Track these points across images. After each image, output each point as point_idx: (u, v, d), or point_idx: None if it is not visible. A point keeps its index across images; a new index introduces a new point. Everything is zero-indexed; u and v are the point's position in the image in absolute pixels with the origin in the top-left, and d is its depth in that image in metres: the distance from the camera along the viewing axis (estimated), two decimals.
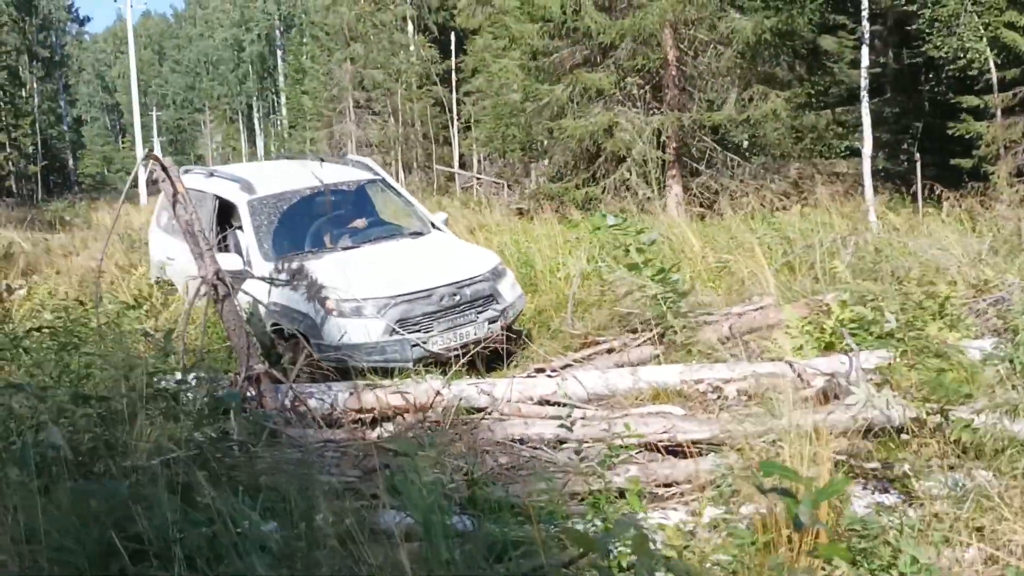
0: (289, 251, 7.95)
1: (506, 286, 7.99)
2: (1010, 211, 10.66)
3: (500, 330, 7.60)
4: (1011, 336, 5.65)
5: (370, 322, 7.13)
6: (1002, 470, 3.70)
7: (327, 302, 7.19)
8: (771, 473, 1.67)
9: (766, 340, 6.63)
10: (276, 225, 8.13)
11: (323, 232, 8.35)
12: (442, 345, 7.27)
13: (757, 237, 9.81)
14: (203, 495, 3.26)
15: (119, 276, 9.73)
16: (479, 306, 7.64)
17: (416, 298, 7.32)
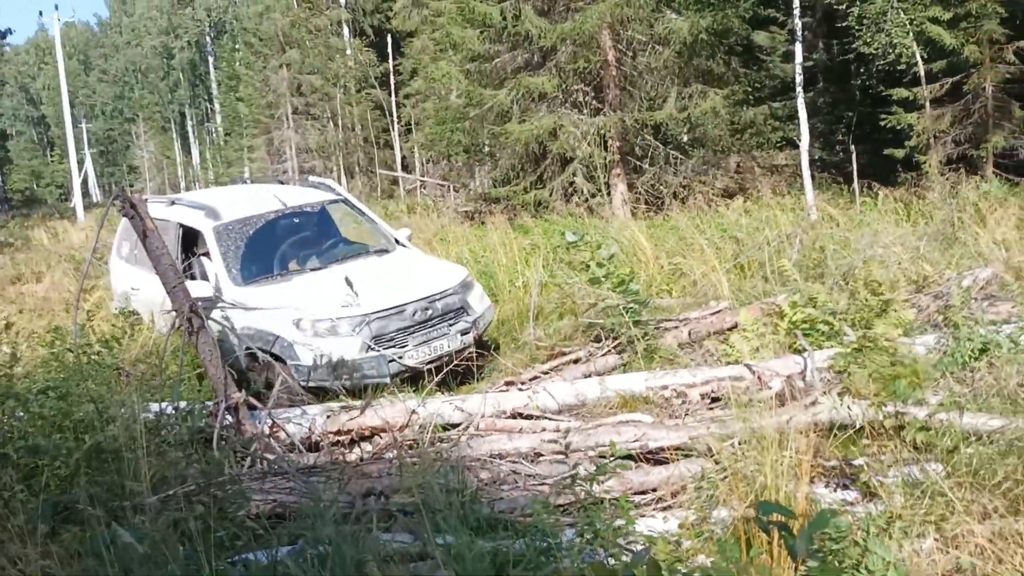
0: (258, 275, 8.05)
1: (475, 298, 8.19)
2: (941, 201, 11.14)
3: (472, 341, 7.82)
4: (952, 330, 6.03)
5: (346, 340, 7.22)
6: (954, 465, 4.02)
7: (301, 323, 7.27)
8: (769, 512, 1.91)
9: (724, 344, 6.94)
10: (243, 250, 8.18)
11: (290, 255, 8.52)
12: (418, 359, 7.40)
13: (706, 239, 10.15)
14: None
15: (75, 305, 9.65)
16: (451, 319, 7.79)
17: (390, 314, 7.44)
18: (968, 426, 4.49)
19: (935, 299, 7.00)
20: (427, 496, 4.32)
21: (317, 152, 35.29)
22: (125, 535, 2.91)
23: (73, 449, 3.92)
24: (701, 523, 3.93)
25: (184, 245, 8.71)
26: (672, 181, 17.37)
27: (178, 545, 3.20)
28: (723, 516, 4.13)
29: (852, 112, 20.29)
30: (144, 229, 6.32)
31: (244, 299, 7.68)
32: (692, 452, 5.09)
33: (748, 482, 4.17)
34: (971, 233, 9.30)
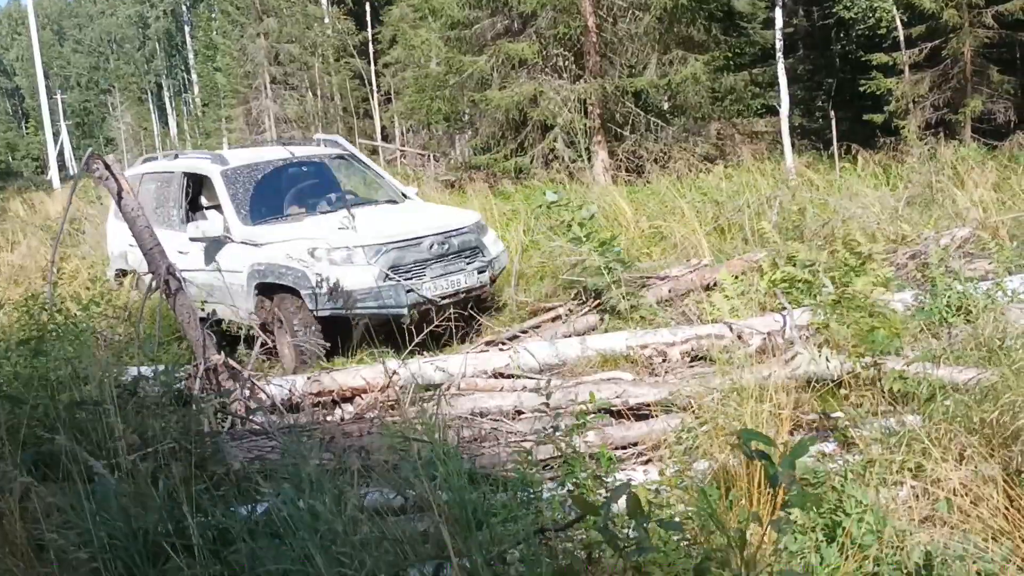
0: (267, 216, 8.05)
1: (490, 240, 8.16)
2: (920, 165, 11.18)
3: (489, 280, 7.85)
4: (930, 287, 6.08)
5: (362, 269, 7.18)
6: (930, 416, 4.05)
7: (316, 251, 7.23)
8: (750, 440, 1.92)
9: (703, 303, 6.96)
10: (252, 192, 8.18)
11: (299, 199, 8.53)
12: (435, 291, 7.37)
13: (686, 202, 10.15)
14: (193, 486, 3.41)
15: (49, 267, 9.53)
16: (467, 256, 7.76)
17: (406, 245, 7.39)
18: (945, 378, 4.54)
19: (913, 258, 7.04)
20: (408, 453, 4.32)
21: (296, 122, 34.90)
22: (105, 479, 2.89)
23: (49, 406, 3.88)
24: (681, 474, 3.95)
25: (191, 196, 8.80)
26: (653, 148, 17.35)
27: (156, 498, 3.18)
28: (703, 468, 4.16)
29: (832, 78, 20.32)
30: (119, 189, 6.24)
31: (254, 237, 7.67)
32: (672, 408, 5.11)
33: (728, 434, 4.20)
34: (949, 195, 9.35)
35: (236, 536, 2.71)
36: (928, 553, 3.17)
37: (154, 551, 2.59)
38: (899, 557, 3.24)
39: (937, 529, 3.34)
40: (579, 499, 2.20)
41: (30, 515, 3.09)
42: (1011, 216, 8.12)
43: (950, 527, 3.34)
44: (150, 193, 9.06)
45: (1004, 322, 5.18)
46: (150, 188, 9.14)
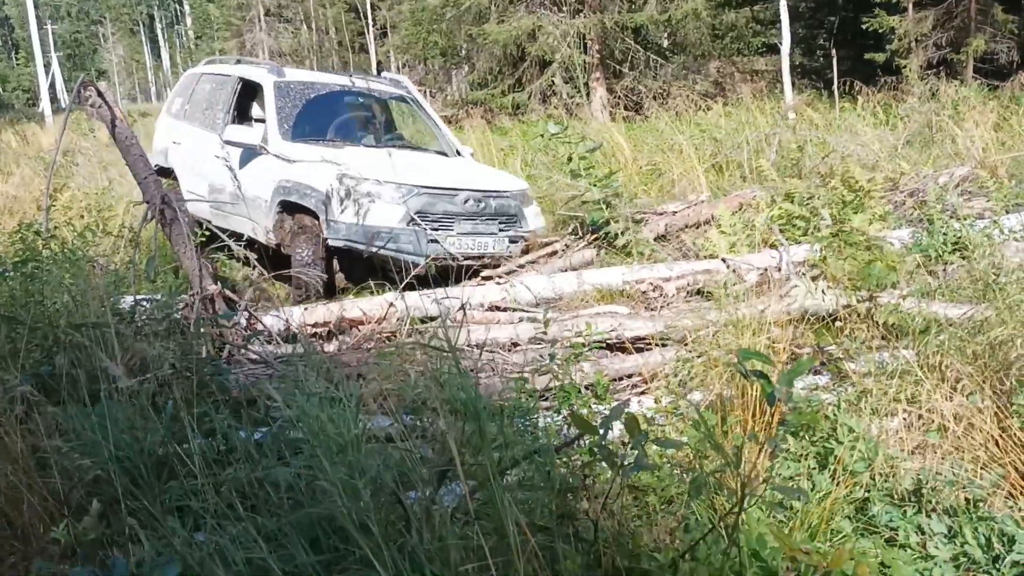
0: (309, 136, 7.83)
1: (531, 213, 7.72)
2: (920, 104, 11.09)
3: (519, 252, 7.42)
4: (927, 225, 6.08)
5: (388, 206, 6.90)
6: (924, 349, 4.09)
7: (344, 178, 6.95)
8: (748, 359, 1.93)
9: (700, 238, 6.96)
10: (300, 110, 7.98)
11: (346, 128, 8.33)
12: (459, 248, 7.07)
13: (685, 138, 10.09)
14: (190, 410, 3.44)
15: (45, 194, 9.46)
16: (503, 222, 7.37)
17: (440, 194, 7.07)
18: (939, 314, 4.57)
19: (911, 196, 7.03)
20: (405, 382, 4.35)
21: (291, 56, 34.48)
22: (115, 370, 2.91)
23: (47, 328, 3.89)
24: (676, 403, 3.99)
25: (242, 104, 8.64)
26: (652, 85, 17.17)
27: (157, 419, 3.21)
28: (697, 399, 4.20)
29: (834, 16, 20.00)
30: (112, 118, 6.16)
31: (289, 152, 7.45)
32: (668, 341, 5.15)
33: (722, 367, 4.23)
34: (949, 134, 9.30)
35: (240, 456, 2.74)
36: (918, 480, 3.23)
37: (158, 468, 2.62)
38: (890, 484, 3.30)
39: (928, 457, 3.39)
40: (577, 417, 2.22)
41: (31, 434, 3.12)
42: (1010, 156, 8.09)
43: (941, 455, 3.39)
44: (204, 94, 8.96)
45: (999, 259, 5.20)
46: (205, 88, 9.01)
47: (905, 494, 3.22)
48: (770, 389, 1.89)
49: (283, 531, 2.17)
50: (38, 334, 3.87)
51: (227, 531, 2.17)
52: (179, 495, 2.50)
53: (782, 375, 1.91)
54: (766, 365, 1.94)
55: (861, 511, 3.22)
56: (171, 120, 9.44)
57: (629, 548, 2.35)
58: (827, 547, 2.84)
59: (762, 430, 3.15)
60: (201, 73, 9.43)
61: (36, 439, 3.02)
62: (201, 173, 8.38)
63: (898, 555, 2.82)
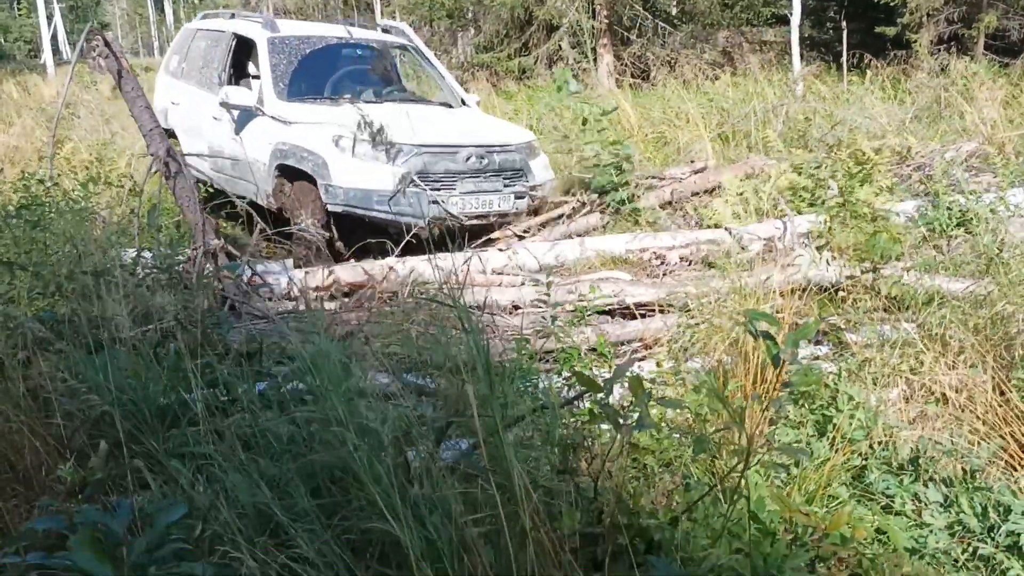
0: (306, 94, 7.59)
1: (538, 166, 7.42)
2: (930, 79, 11.01)
3: (526, 208, 7.20)
4: (933, 199, 6.07)
5: (386, 167, 6.65)
6: (925, 321, 4.09)
7: (341, 141, 6.73)
8: (756, 319, 1.93)
9: (706, 207, 6.95)
10: (295, 67, 7.72)
11: (344, 83, 8.02)
12: (463, 208, 6.83)
13: (692, 108, 10.02)
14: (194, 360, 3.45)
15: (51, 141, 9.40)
16: (508, 177, 7.09)
17: (440, 152, 6.81)
18: (943, 287, 4.57)
19: (918, 170, 7.00)
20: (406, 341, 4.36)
21: (296, 13, 34.12)
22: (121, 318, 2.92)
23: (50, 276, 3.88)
24: (677, 368, 4.00)
25: (238, 61, 8.37)
26: (659, 53, 17.03)
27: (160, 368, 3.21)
28: (697, 365, 4.21)
29: None
30: (119, 69, 6.12)
31: (285, 114, 7.21)
32: (670, 308, 5.15)
33: (725, 333, 4.24)
34: (957, 109, 9.25)
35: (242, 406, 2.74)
36: (916, 449, 3.25)
37: (161, 415, 2.62)
38: (887, 452, 3.32)
39: (927, 427, 3.41)
40: (582, 376, 2.23)
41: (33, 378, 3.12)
42: (1018, 133, 8.04)
43: (940, 426, 3.40)
44: (199, 51, 8.69)
45: (1004, 234, 5.19)
46: (200, 46, 8.73)
47: (903, 463, 3.24)
48: (776, 350, 1.89)
49: (284, 478, 2.19)
50: (40, 281, 3.86)
51: (230, 477, 2.18)
52: (182, 442, 2.51)
53: (788, 336, 1.91)
54: (773, 326, 1.94)
55: (858, 479, 3.24)
56: (169, 79, 9.19)
57: (628, 506, 2.36)
58: (824, 512, 2.86)
59: (764, 395, 3.16)
60: (196, 29, 9.14)
61: (39, 383, 3.02)
62: (200, 134, 8.20)
63: (894, 522, 2.85)
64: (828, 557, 2.48)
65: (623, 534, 2.22)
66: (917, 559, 2.73)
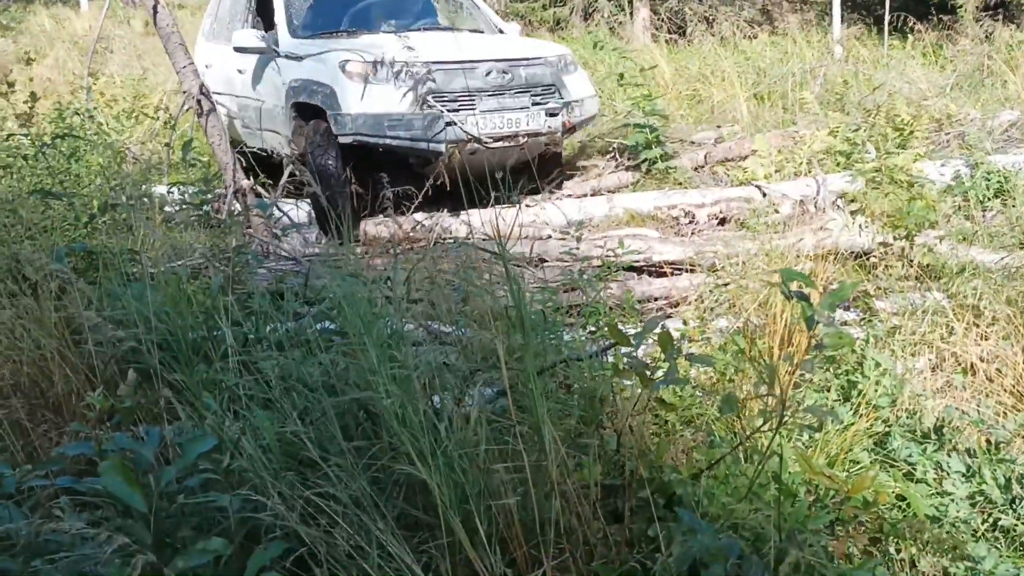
0: (322, 29, 7.24)
1: (575, 81, 6.93)
2: (973, 46, 10.75)
3: (561, 127, 6.68)
4: (971, 168, 5.96)
5: (395, 89, 6.19)
6: (957, 291, 4.05)
7: (348, 65, 6.32)
8: (791, 279, 1.91)
9: (737, 169, 6.87)
10: (311, 3, 7.46)
11: (364, 15, 7.63)
12: (484, 128, 6.36)
13: (728, 65, 9.86)
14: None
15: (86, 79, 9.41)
16: (537, 94, 6.62)
17: (456, 69, 6.35)
18: (976, 259, 4.51)
19: (957, 137, 6.88)
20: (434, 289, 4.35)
21: None
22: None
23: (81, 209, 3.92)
24: (703, 327, 3.99)
25: (263, 10, 7.85)
26: (697, 9, 16.71)
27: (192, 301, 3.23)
28: (723, 325, 4.20)
29: None
30: (155, 3, 6.10)
31: (298, 50, 6.87)
32: (698, 267, 5.12)
33: (753, 295, 4.21)
34: (1000, 78, 9.05)
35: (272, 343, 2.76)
36: (941, 418, 3.23)
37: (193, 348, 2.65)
38: (912, 421, 3.30)
39: (953, 397, 3.38)
40: (612, 327, 2.22)
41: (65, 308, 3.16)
42: None
43: (967, 396, 3.38)
44: (227, 6, 8.41)
45: None
46: (227, 2, 8.46)
47: (927, 432, 3.23)
48: (810, 312, 1.87)
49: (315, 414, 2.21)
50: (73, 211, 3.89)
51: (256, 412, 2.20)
52: (212, 376, 2.53)
53: (824, 298, 1.89)
54: (808, 287, 1.92)
55: (880, 445, 3.23)
56: (204, 43, 8.87)
57: (651, 461, 2.37)
58: (845, 475, 2.86)
59: (794, 354, 3.14)
60: None
61: (71, 313, 3.06)
62: (232, 91, 7.94)
63: (915, 489, 2.84)
64: (849, 520, 2.49)
65: (645, 487, 2.23)
66: (937, 527, 2.73)
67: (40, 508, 2.15)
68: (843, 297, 1.96)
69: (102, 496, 1.97)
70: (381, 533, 1.86)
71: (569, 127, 6.74)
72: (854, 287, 2.00)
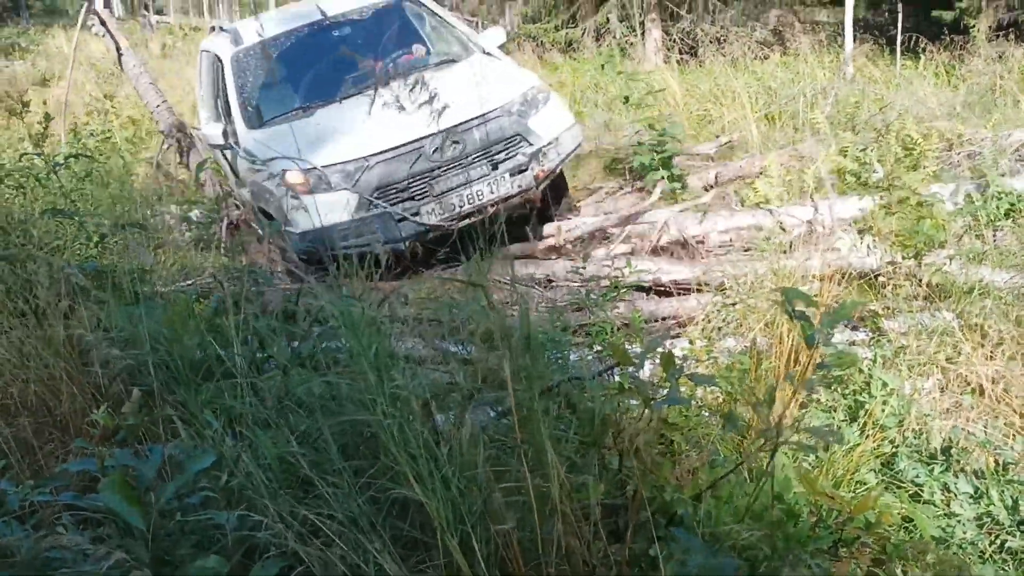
0: (277, 113, 6.48)
1: (546, 117, 6.14)
2: (986, 66, 10.73)
3: (533, 183, 5.92)
4: (982, 188, 5.93)
5: (336, 197, 5.64)
6: (966, 311, 4.02)
7: (287, 176, 5.71)
8: (792, 298, 1.91)
9: (748, 188, 6.86)
10: (263, 81, 6.66)
11: (319, 82, 6.70)
12: (443, 213, 5.75)
13: (739, 86, 9.87)
14: None
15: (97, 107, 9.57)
16: (496, 153, 5.90)
17: (399, 154, 5.69)
18: (986, 279, 4.48)
19: (967, 157, 6.85)
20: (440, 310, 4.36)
21: None
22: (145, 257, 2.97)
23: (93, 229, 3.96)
24: (710, 347, 3.98)
25: None
26: (709, 30, 16.76)
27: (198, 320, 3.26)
28: (731, 344, 4.19)
29: None
30: (117, 47, 6.16)
31: (255, 146, 6.14)
32: (706, 287, 5.12)
33: (760, 314, 4.21)
34: (1012, 98, 9.02)
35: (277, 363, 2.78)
36: (948, 439, 3.21)
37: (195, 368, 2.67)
38: (919, 441, 3.28)
39: (961, 418, 3.36)
40: (615, 347, 2.22)
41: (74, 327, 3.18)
42: None
43: (974, 417, 3.36)
44: (207, 76, 7.34)
45: None
46: (205, 68, 7.41)
47: (934, 452, 3.21)
48: (810, 330, 1.87)
49: (315, 434, 2.21)
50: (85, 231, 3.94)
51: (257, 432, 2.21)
52: (216, 395, 2.55)
53: (824, 317, 1.89)
54: (809, 306, 1.92)
55: (887, 466, 3.21)
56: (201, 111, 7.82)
57: (653, 481, 2.36)
58: (851, 495, 2.84)
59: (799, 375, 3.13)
60: (202, 50, 7.63)
61: (79, 331, 3.09)
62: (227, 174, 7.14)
63: (921, 510, 2.82)
64: (851, 541, 2.47)
65: (646, 507, 2.23)
66: (943, 549, 2.71)
67: (44, 524, 2.16)
68: (844, 316, 1.96)
69: (104, 513, 1.98)
70: (378, 553, 1.86)
71: (544, 177, 6.00)
72: (855, 306, 1.99)
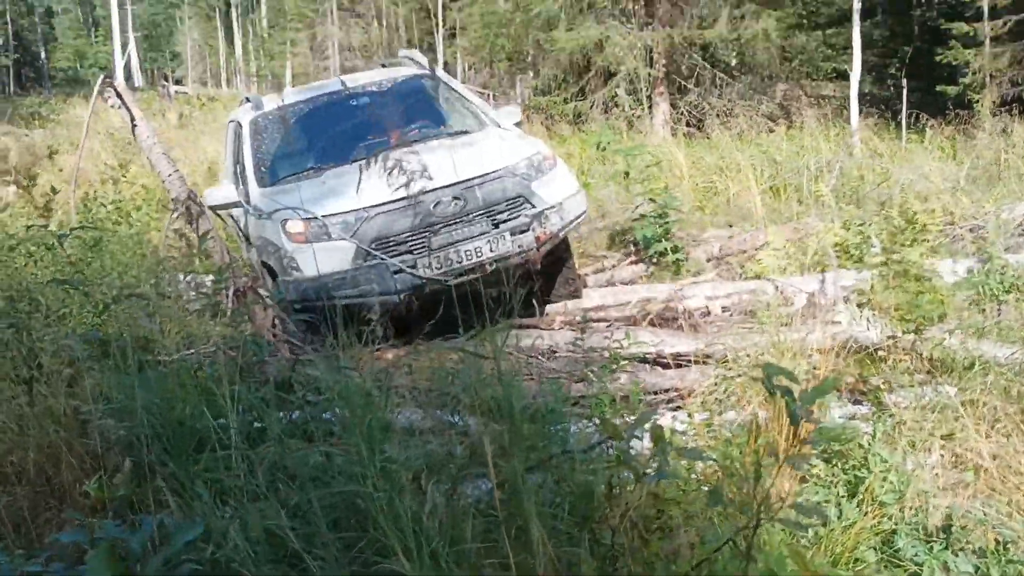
0: (289, 173, 6.55)
1: (552, 182, 6.14)
2: (990, 141, 10.86)
3: (534, 243, 5.87)
4: (985, 263, 5.97)
5: (335, 246, 5.67)
6: (967, 386, 4.02)
7: (287, 225, 5.78)
8: (774, 374, 1.93)
9: (750, 261, 6.92)
10: (278, 144, 6.86)
11: (333, 146, 6.83)
12: (441, 267, 5.70)
13: (744, 158, 10.01)
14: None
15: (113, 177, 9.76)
16: (498, 212, 5.88)
17: (400, 207, 5.66)
18: (987, 354, 4.48)
19: (970, 232, 6.90)
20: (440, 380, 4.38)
21: (360, 51, 34.96)
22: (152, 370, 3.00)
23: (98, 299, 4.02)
24: (710, 421, 3.98)
25: None
26: (716, 103, 17.05)
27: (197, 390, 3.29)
28: (731, 417, 4.18)
29: (908, 47, 19.68)
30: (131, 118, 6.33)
31: (265, 203, 6.22)
32: (708, 359, 5.12)
33: (760, 388, 4.21)
34: (1016, 172, 9.11)
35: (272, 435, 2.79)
36: (949, 516, 3.18)
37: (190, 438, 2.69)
38: (919, 518, 3.25)
39: (961, 495, 3.33)
40: (606, 422, 2.24)
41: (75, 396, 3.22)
42: None
43: (975, 494, 3.33)
44: (231, 146, 7.46)
45: None
46: (230, 138, 7.52)
47: (934, 530, 3.17)
48: (793, 407, 1.88)
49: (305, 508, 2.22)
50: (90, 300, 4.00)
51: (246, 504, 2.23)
52: (210, 465, 2.57)
53: (804, 393, 1.91)
54: (791, 382, 1.94)
55: (887, 543, 3.18)
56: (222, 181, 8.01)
57: (644, 556, 2.35)
58: (849, 573, 2.81)
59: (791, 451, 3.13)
60: (228, 121, 7.85)
61: (80, 401, 3.12)
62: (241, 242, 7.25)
63: None
64: None
65: None
66: None
67: None
68: (825, 392, 1.97)
69: None
70: None
71: (544, 240, 5.94)
72: (838, 382, 2.00)
